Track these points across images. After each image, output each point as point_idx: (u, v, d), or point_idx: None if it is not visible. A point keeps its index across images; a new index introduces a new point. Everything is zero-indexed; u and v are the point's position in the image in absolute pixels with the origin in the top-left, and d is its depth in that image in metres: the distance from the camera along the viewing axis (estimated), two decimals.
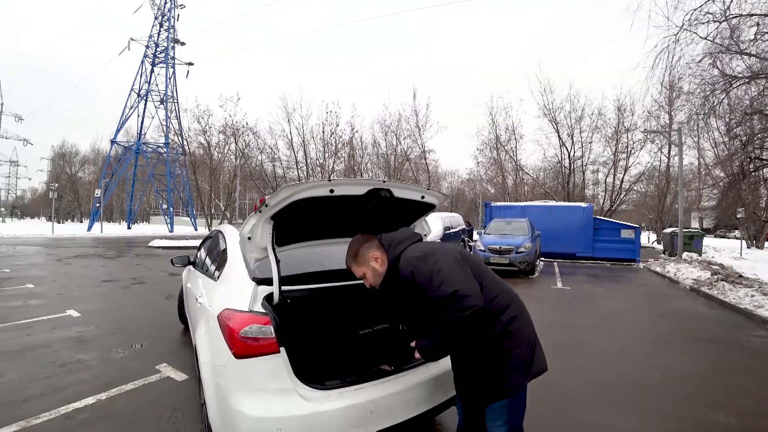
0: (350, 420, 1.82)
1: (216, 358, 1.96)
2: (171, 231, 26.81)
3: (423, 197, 2.16)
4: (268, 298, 1.98)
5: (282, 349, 1.81)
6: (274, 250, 2.04)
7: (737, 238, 28.66)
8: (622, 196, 25.90)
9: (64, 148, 53.37)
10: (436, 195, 2.25)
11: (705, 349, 4.45)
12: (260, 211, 1.93)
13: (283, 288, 2.05)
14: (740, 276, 8.61)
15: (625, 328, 5.18)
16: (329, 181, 1.84)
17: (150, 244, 16.55)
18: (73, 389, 2.99)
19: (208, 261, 3.21)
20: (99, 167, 36.80)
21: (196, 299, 2.73)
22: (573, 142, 26.45)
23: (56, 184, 26.73)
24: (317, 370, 2.14)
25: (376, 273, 1.77)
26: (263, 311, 1.89)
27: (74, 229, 24.83)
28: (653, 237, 27.68)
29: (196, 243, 18.58)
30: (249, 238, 2.04)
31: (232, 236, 2.72)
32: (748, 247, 17.04)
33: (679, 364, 3.90)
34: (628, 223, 14.90)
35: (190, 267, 3.90)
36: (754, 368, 3.81)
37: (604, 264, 13.32)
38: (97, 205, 24.99)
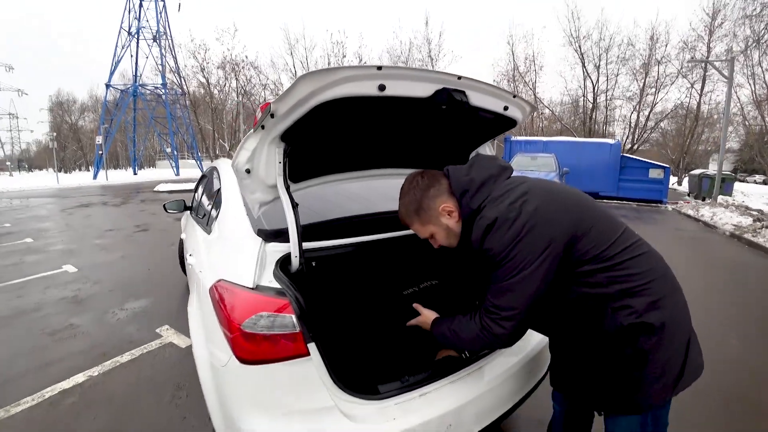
0: None
1: (214, 354, 1.35)
2: (177, 174, 26.47)
3: (506, 108, 1.39)
4: (284, 263, 1.32)
5: (312, 346, 1.19)
6: (287, 188, 1.35)
7: (756, 183, 27.54)
8: (646, 134, 24.42)
9: (60, 97, 51.59)
10: (522, 106, 1.44)
11: (764, 303, 3.93)
12: (263, 127, 1.21)
13: (305, 245, 1.38)
14: None
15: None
16: (378, 68, 1.07)
17: (156, 189, 16.16)
18: (62, 365, 2.59)
19: (202, 205, 2.61)
20: (99, 114, 35.68)
21: (186, 258, 2.16)
22: (599, 74, 24.38)
23: (55, 134, 25.92)
24: (355, 363, 1.55)
25: (450, 233, 1.18)
26: (278, 287, 1.22)
27: (80, 179, 24.48)
28: (673, 178, 26.75)
29: None
30: (248, 171, 1.33)
31: (227, 171, 2.04)
32: None
33: (745, 321, 3.41)
34: (658, 162, 13.95)
35: (188, 212, 3.31)
36: None
37: (630, 204, 12.65)
38: (100, 152, 24.41)
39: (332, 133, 1.39)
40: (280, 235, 1.38)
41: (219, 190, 2.06)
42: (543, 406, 2.01)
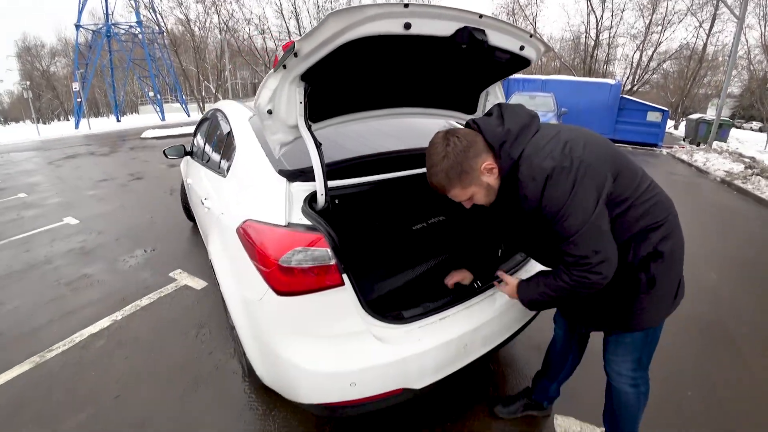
0: (440, 362, 1.41)
1: (246, 290, 1.45)
2: (163, 119, 25.40)
3: (522, 48, 1.36)
4: (311, 200, 1.37)
5: (345, 277, 1.29)
6: (309, 127, 1.37)
7: (752, 130, 27.35)
8: (647, 75, 23.72)
9: (27, 41, 47.46)
10: (538, 47, 1.41)
11: (745, 245, 4.17)
12: (284, 67, 1.18)
13: (330, 184, 1.41)
14: None
15: None
16: (405, 6, 1.04)
17: (143, 136, 15.62)
18: (84, 312, 2.68)
19: (208, 150, 2.59)
20: (71, 59, 33.22)
21: (202, 202, 2.17)
22: (603, 8, 23.11)
23: (27, 83, 24.26)
24: (379, 292, 1.68)
25: (490, 190, 1.17)
26: (308, 223, 1.29)
27: (61, 129, 23.36)
28: (670, 122, 26.50)
29: (191, 129, 17.55)
30: (269, 112, 1.31)
31: (236, 114, 2.06)
32: (767, 141, 16.03)
33: (725, 260, 3.62)
34: (656, 105, 13.69)
35: (188, 158, 3.30)
36: None
37: (626, 147, 12.61)
38: (78, 100, 23.06)
39: (350, 72, 1.37)
40: (303, 175, 1.43)
41: (230, 133, 2.04)
42: (540, 332, 2.21)
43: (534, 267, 1.85)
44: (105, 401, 1.91)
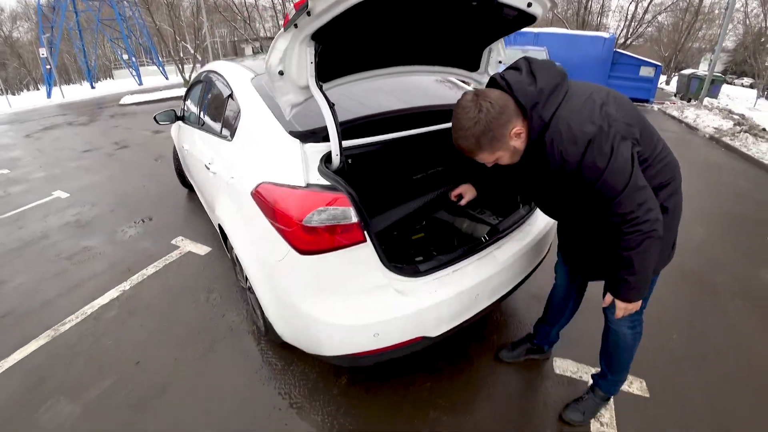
0: (455, 311, 1.51)
1: (265, 252, 1.49)
2: (140, 84, 24.17)
3: (529, 5, 1.36)
4: (326, 161, 1.38)
5: (367, 233, 1.33)
6: (320, 87, 1.36)
7: (743, 86, 27.14)
8: (642, 28, 23.11)
9: None
10: (544, 2, 1.38)
11: (731, 201, 4.31)
12: (296, 26, 1.16)
13: (344, 144, 1.41)
14: (763, 129, 8.06)
15: None
16: None
17: (121, 102, 14.94)
18: (91, 284, 2.70)
19: (206, 114, 2.53)
20: (35, 22, 30.82)
21: (207, 167, 2.15)
22: None
23: None
24: (394, 245, 1.77)
25: (516, 153, 1.18)
26: (327, 183, 1.32)
27: (33, 100, 22.07)
28: (662, 77, 26.24)
29: (172, 93, 16.91)
30: (281, 73, 1.29)
31: (236, 76, 2.02)
32: (757, 97, 16.02)
33: (710, 215, 3.74)
34: (650, 60, 13.45)
35: (180, 123, 3.22)
36: None
37: None
38: (47, 67, 21.62)
39: (358, 31, 1.34)
40: (314, 135, 1.44)
41: (231, 95, 1.99)
42: (538, 285, 2.37)
43: (536, 219, 1.92)
44: (126, 368, 1.98)
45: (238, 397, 1.79)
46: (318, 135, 1.43)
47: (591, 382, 1.74)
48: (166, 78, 27.01)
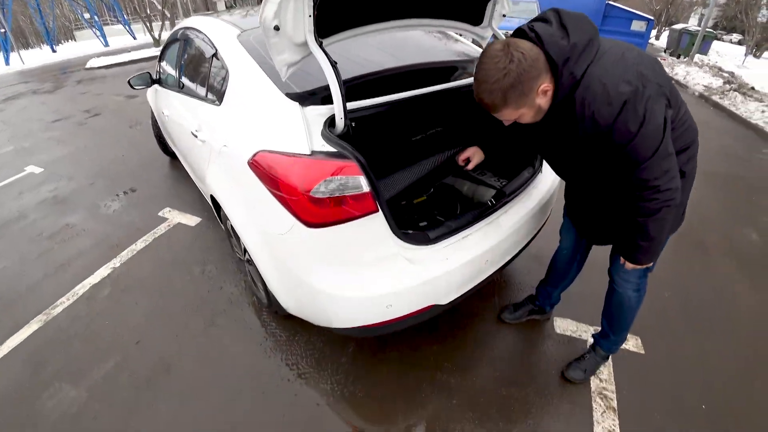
0: (465, 278, 1.49)
1: (267, 225, 1.41)
2: (106, 45, 22.56)
3: None
4: (329, 124, 1.27)
5: (378, 203, 1.26)
6: (320, 44, 1.23)
7: (732, 42, 26.61)
8: None
9: None
10: None
11: (719, 161, 4.36)
12: None
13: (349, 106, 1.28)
14: (752, 88, 7.99)
15: None
16: None
17: (88, 66, 13.92)
18: (78, 263, 2.60)
19: (186, 77, 2.36)
20: None
21: (193, 135, 2.01)
22: None
23: None
24: (402, 210, 1.74)
25: (539, 111, 1.09)
26: (332, 150, 1.21)
27: None
28: (652, 32, 25.53)
29: (143, 54, 15.81)
30: (276, 28, 1.16)
31: (219, 33, 1.86)
32: (745, 55, 15.74)
33: (699, 173, 3.89)
34: (642, 13, 13.01)
35: (156, 87, 3.01)
36: None
37: None
38: (2, 30, 19.95)
39: None
40: (313, 97, 1.34)
41: (215, 55, 1.83)
42: (538, 247, 2.34)
43: (540, 182, 1.87)
44: (127, 348, 1.94)
45: (245, 371, 1.79)
46: (317, 96, 1.33)
47: (591, 341, 1.78)
48: (134, 38, 25.22)
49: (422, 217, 1.96)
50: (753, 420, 1.60)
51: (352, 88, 1.48)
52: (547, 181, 1.89)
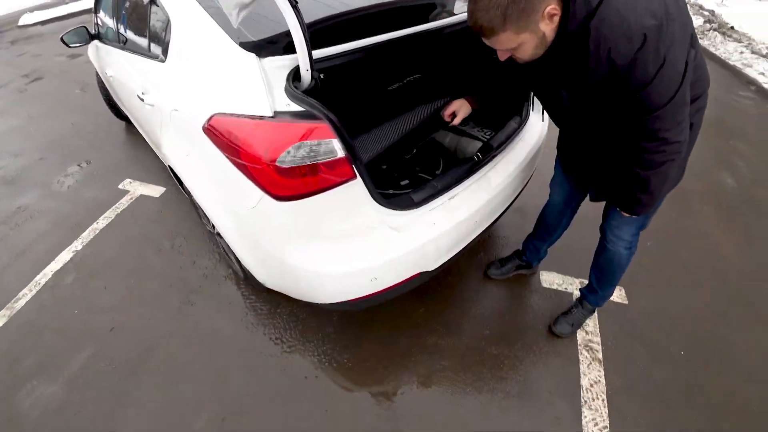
0: (453, 241, 1.39)
1: (233, 199, 1.26)
2: None
3: None
4: (293, 78, 1.07)
5: (355, 168, 1.10)
6: None
7: None
8: None
9: None
10: None
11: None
12: None
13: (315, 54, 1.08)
14: (731, 27, 7.77)
15: None
16: None
17: (21, 23, 12.45)
18: (37, 249, 2.38)
19: (126, 28, 2.07)
20: None
21: (140, 98, 1.77)
22: None
23: None
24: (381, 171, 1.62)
25: (542, 43, 0.94)
26: (299, 109, 1.02)
27: None
28: None
29: (83, 5, 14.25)
30: None
31: None
32: None
33: None
34: None
35: (96, 43, 2.67)
36: (748, 132, 3.61)
37: None
38: None
39: None
40: (272, 45, 1.12)
41: (153, 0, 1.56)
42: (522, 200, 2.29)
43: (527, 133, 1.76)
44: (102, 336, 1.83)
45: (229, 348, 1.73)
46: (278, 45, 1.12)
47: (578, 295, 1.78)
48: None
49: (403, 175, 1.83)
50: (729, 357, 1.68)
51: (318, 32, 1.24)
52: (534, 132, 1.77)
